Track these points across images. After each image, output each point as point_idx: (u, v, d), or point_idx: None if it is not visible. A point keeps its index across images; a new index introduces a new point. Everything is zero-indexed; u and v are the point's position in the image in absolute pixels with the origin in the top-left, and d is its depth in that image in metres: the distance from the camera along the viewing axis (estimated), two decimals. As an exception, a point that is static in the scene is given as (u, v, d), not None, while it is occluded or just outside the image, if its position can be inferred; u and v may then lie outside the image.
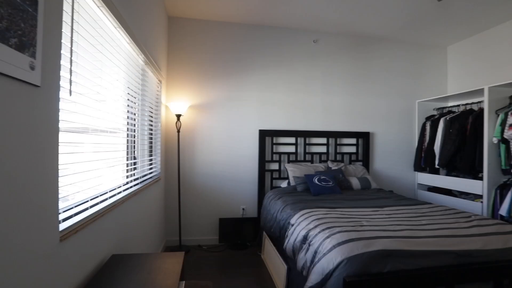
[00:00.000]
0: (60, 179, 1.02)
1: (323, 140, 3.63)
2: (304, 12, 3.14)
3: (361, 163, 3.70)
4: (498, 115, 2.85)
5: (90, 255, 1.26)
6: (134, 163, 2.11)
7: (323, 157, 3.59)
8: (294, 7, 3.01)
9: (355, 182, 3.15)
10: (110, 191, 1.54)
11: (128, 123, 1.97)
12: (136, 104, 2.17)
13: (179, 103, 3.01)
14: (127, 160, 1.96)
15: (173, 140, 3.23)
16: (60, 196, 1.03)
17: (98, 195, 1.41)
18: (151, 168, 2.60)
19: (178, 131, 3.10)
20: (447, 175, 3.54)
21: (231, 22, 3.40)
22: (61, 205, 1.05)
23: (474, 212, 2.97)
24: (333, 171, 3.18)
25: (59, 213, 1.02)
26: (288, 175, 3.25)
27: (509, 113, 2.74)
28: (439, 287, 1.43)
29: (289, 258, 2.08)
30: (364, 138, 3.72)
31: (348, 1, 2.90)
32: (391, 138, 3.89)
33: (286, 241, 2.10)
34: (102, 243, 1.40)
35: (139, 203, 2.12)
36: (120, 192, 1.68)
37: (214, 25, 3.36)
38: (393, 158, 3.89)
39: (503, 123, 2.77)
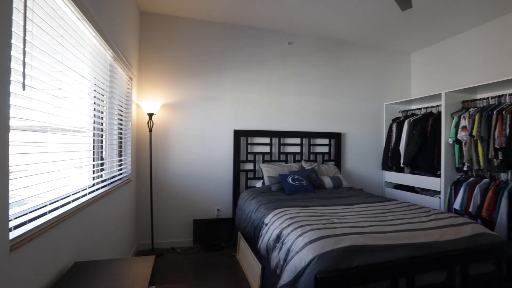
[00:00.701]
0: (12, 181, 0.93)
1: (297, 140, 3.70)
2: (279, 14, 3.19)
3: (333, 162, 3.83)
4: (453, 118, 3.10)
5: (49, 264, 1.17)
6: (102, 164, 2.01)
7: (297, 157, 3.67)
8: (270, 8, 3.05)
9: (327, 181, 3.25)
10: (73, 194, 1.46)
11: (94, 121, 1.88)
12: (104, 102, 2.07)
13: (152, 101, 2.92)
14: (94, 160, 1.87)
15: (145, 140, 3.12)
16: (11, 200, 0.93)
17: (59, 198, 1.32)
18: (120, 169, 2.50)
19: (150, 131, 3.00)
20: (410, 173, 3.77)
21: (206, 20, 3.36)
22: (14, 210, 0.96)
23: (433, 207, 3.20)
24: (306, 171, 3.26)
25: (10, 220, 0.92)
26: (263, 175, 3.28)
27: (462, 116, 2.99)
28: (401, 278, 1.53)
29: (263, 257, 2.10)
30: (336, 138, 3.85)
31: (321, 7, 2.99)
32: (361, 138, 4.07)
33: (260, 240, 2.11)
34: (63, 250, 1.31)
35: (107, 206, 2.03)
36: (85, 195, 1.60)
37: (189, 23, 3.31)
38: (363, 158, 4.07)
39: (457, 126, 3.02)
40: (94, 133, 1.89)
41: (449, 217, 2.03)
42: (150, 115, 2.98)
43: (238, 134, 3.40)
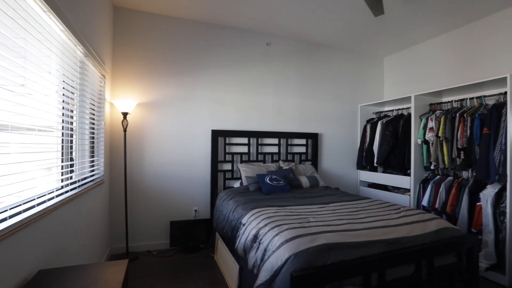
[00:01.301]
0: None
1: (275, 141, 3.74)
2: (258, 15, 3.20)
3: (310, 162, 3.91)
4: (421, 120, 3.27)
5: (9, 274, 1.09)
6: (71, 165, 1.92)
7: (275, 157, 3.71)
8: (248, 9, 3.06)
9: (304, 181, 3.32)
10: (38, 197, 1.37)
11: (63, 120, 1.79)
12: (75, 100, 1.98)
13: (126, 100, 2.83)
14: (63, 161, 1.78)
15: (119, 140, 3.02)
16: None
17: (22, 202, 1.23)
18: (92, 170, 2.40)
19: (125, 130, 2.91)
20: (383, 172, 3.93)
21: (184, 19, 3.31)
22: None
23: (404, 204, 3.36)
24: (284, 171, 3.31)
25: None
26: (240, 175, 3.28)
27: (429, 118, 3.17)
28: (373, 273, 1.59)
29: (241, 257, 2.10)
30: (313, 138, 3.93)
31: (299, 10, 3.04)
32: (337, 139, 4.18)
33: (238, 240, 2.11)
34: (27, 257, 1.23)
35: (78, 209, 1.94)
36: (52, 198, 1.51)
37: (166, 21, 3.23)
38: (339, 158, 4.19)
39: (425, 127, 3.19)
40: (63, 133, 1.80)
41: (417, 214, 2.14)
42: (125, 114, 2.88)
43: (216, 134, 3.38)
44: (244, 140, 3.57)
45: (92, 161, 2.40)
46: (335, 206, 2.36)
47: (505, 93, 2.54)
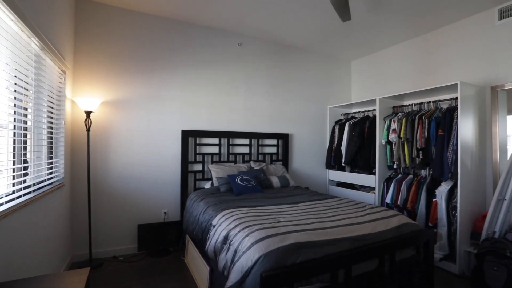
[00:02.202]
0: None
1: (246, 141, 3.75)
2: (230, 15, 3.18)
3: (281, 162, 3.97)
4: (385, 121, 3.46)
5: None
6: (25, 168, 1.77)
7: (246, 158, 3.71)
8: (220, 8, 3.03)
9: (275, 181, 3.35)
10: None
11: (15, 119, 1.64)
12: (29, 96, 1.83)
13: (90, 98, 2.66)
14: (14, 164, 1.63)
15: (81, 140, 2.84)
16: None
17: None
18: (51, 173, 2.23)
19: (88, 130, 2.74)
20: (351, 171, 4.10)
21: (153, 15, 3.19)
22: None
23: (369, 202, 3.54)
24: (255, 171, 3.32)
25: None
26: (211, 176, 3.24)
27: (392, 120, 3.36)
28: (340, 270, 1.65)
29: (212, 259, 2.08)
30: (283, 139, 3.99)
31: (271, 11, 3.07)
32: (307, 139, 4.29)
33: (208, 242, 2.09)
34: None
35: (33, 215, 1.79)
36: (1, 204, 1.38)
37: (134, 16, 3.10)
38: (309, 158, 4.30)
39: (388, 128, 3.38)
40: (14, 132, 1.65)
41: (381, 211, 2.25)
42: (88, 113, 2.72)
43: (186, 135, 3.30)
44: (215, 140, 3.53)
45: (51, 163, 2.23)
46: (304, 206, 2.42)
47: (456, 98, 2.77)
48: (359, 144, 3.76)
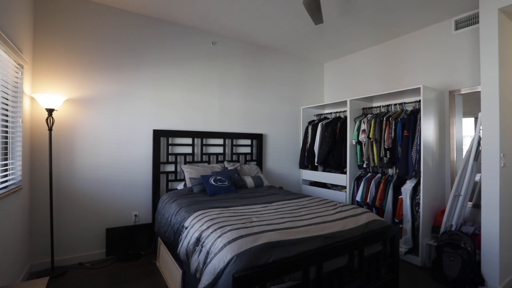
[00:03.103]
0: None
1: (220, 141, 3.72)
2: (204, 13, 3.14)
3: (255, 162, 3.98)
4: (356, 122, 3.60)
5: None
6: (-25, 171, 1.62)
7: (220, 158, 3.68)
8: (194, 5, 2.97)
9: (249, 181, 3.36)
10: None
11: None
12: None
13: (52, 95, 2.49)
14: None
15: (42, 140, 2.65)
16: None
17: None
18: (5, 176, 2.06)
19: (50, 129, 2.56)
20: (323, 171, 4.22)
21: (124, 10, 3.06)
22: None
23: (341, 200, 3.66)
24: (229, 171, 3.30)
25: None
26: (184, 176, 3.17)
27: (362, 121, 3.50)
28: (312, 267, 1.68)
29: (184, 262, 2.04)
30: (258, 139, 4.01)
31: (245, 12, 3.07)
32: (281, 139, 4.34)
33: (180, 245, 2.04)
34: None
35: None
36: None
37: (103, 9, 2.95)
38: (282, 158, 4.35)
39: (358, 129, 3.51)
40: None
41: (351, 209, 2.34)
42: (50, 111, 2.54)
43: (158, 134, 3.21)
44: (188, 140, 3.47)
45: (5, 165, 2.06)
46: (278, 205, 2.45)
47: (420, 101, 2.94)
48: (331, 144, 3.88)
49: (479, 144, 2.61)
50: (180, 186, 3.18)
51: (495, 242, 2.32)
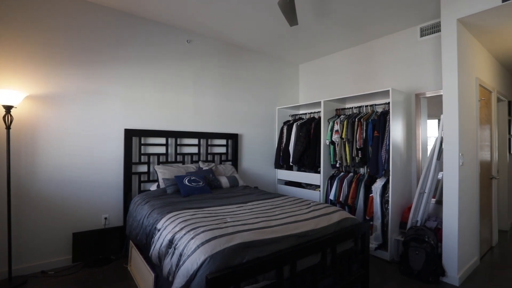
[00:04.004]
0: None
1: (195, 141, 3.66)
2: (179, 10, 3.07)
3: (230, 162, 3.96)
4: (329, 123, 3.70)
5: None
6: None
7: (195, 158, 3.63)
8: (168, 1, 2.89)
9: (224, 181, 3.34)
10: None
11: None
12: None
13: (9, 91, 2.31)
14: None
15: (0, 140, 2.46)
16: None
17: None
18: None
19: (8, 128, 2.38)
20: (298, 170, 4.29)
21: (93, 3, 2.91)
22: None
23: (315, 199, 3.74)
24: (204, 171, 3.26)
25: None
26: (157, 177, 3.09)
27: (335, 122, 3.60)
28: (285, 266, 1.70)
29: (156, 265, 1.98)
30: (233, 139, 4.00)
31: (221, 10, 3.04)
32: (256, 139, 4.36)
33: (152, 247, 1.98)
34: None
35: None
36: None
37: (69, 0, 2.78)
38: (258, 158, 4.37)
39: (331, 129, 3.61)
40: None
41: (324, 207, 2.39)
42: (8, 108, 2.36)
43: (130, 134, 3.09)
44: (162, 140, 3.38)
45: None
46: (252, 205, 2.45)
47: (389, 103, 3.08)
48: (305, 144, 3.95)
49: (441, 144, 2.78)
50: (153, 187, 3.09)
51: (454, 236, 2.49)
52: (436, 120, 3.32)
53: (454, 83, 2.51)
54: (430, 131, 3.39)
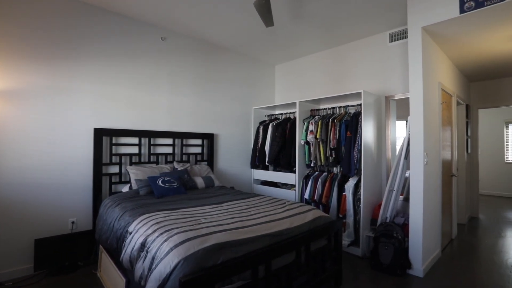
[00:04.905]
0: None
1: (169, 141, 3.57)
2: (153, 6, 2.97)
3: (206, 162, 3.92)
4: (304, 123, 3.77)
5: None
6: None
7: (169, 158, 3.54)
8: (138, -3, 2.81)
9: (199, 181, 3.29)
10: None
11: None
12: None
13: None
14: None
15: None
16: None
17: None
18: None
19: (-41, 126, 2.18)
20: (274, 170, 4.33)
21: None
22: None
23: (291, 198, 3.80)
24: (178, 172, 3.19)
25: None
26: (130, 178, 2.97)
27: (310, 122, 3.68)
28: (260, 266, 1.71)
29: (128, 270, 1.91)
30: (209, 139, 3.95)
31: (197, 8, 2.99)
32: (232, 139, 4.34)
33: (124, 251, 1.91)
34: None
35: None
36: None
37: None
38: (234, 157, 4.35)
39: (306, 130, 3.69)
40: None
41: (298, 206, 2.43)
42: (-41, 104, 2.16)
43: (100, 133, 2.96)
44: (135, 140, 3.26)
45: None
46: (228, 205, 2.44)
47: (361, 104, 3.20)
48: (281, 144, 4.00)
49: (408, 144, 2.94)
50: (125, 188, 2.98)
51: (419, 231, 2.65)
52: (404, 121, 3.49)
53: (420, 87, 2.66)
54: (399, 131, 3.56)
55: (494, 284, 2.51)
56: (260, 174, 4.39)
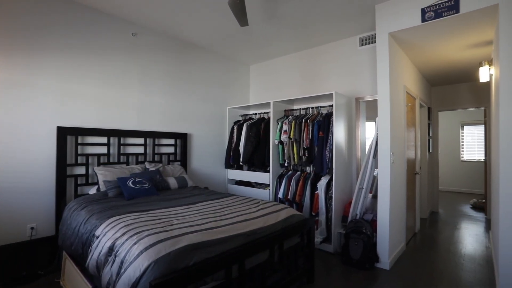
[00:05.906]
0: None
1: (141, 140, 3.45)
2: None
3: (179, 163, 3.83)
4: (278, 123, 3.82)
5: None
6: None
7: (140, 158, 3.42)
8: (106, -11, 2.68)
9: (172, 182, 3.21)
10: None
11: None
12: None
13: None
14: None
15: None
16: None
17: None
18: None
19: None
20: (248, 170, 4.33)
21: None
22: None
23: (264, 198, 3.82)
24: (150, 172, 3.09)
25: None
26: (98, 179, 2.83)
27: (284, 122, 3.73)
28: (234, 265, 1.71)
29: (95, 276, 1.81)
30: (182, 138, 3.87)
31: (170, 4, 2.91)
32: (206, 139, 4.28)
33: (90, 257, 1.81)
34: None
35: None
36: None
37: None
38: (208, 157, 4.30)
39: (280, 129, 3.74)
40: None
41: (272, 205, 2.46)
42: None
43: (64, 132, 2.78)
44: (103, 139, 3.11)
45: None
46: (201, 206, 2.40)
47: (333, 105, 3.31)
48: (255, 144, 4.01)
49: (376, 144, 3.08)
50: (92, 190, 2.82)
51: (386, 226, 2.79)
52: (373, 122, 3.66)
53: (387, 89, 2.81)
54: (368, 132, 3.73)
55: (450, 271, 2.73)
56: (235, 174, 4.37)
